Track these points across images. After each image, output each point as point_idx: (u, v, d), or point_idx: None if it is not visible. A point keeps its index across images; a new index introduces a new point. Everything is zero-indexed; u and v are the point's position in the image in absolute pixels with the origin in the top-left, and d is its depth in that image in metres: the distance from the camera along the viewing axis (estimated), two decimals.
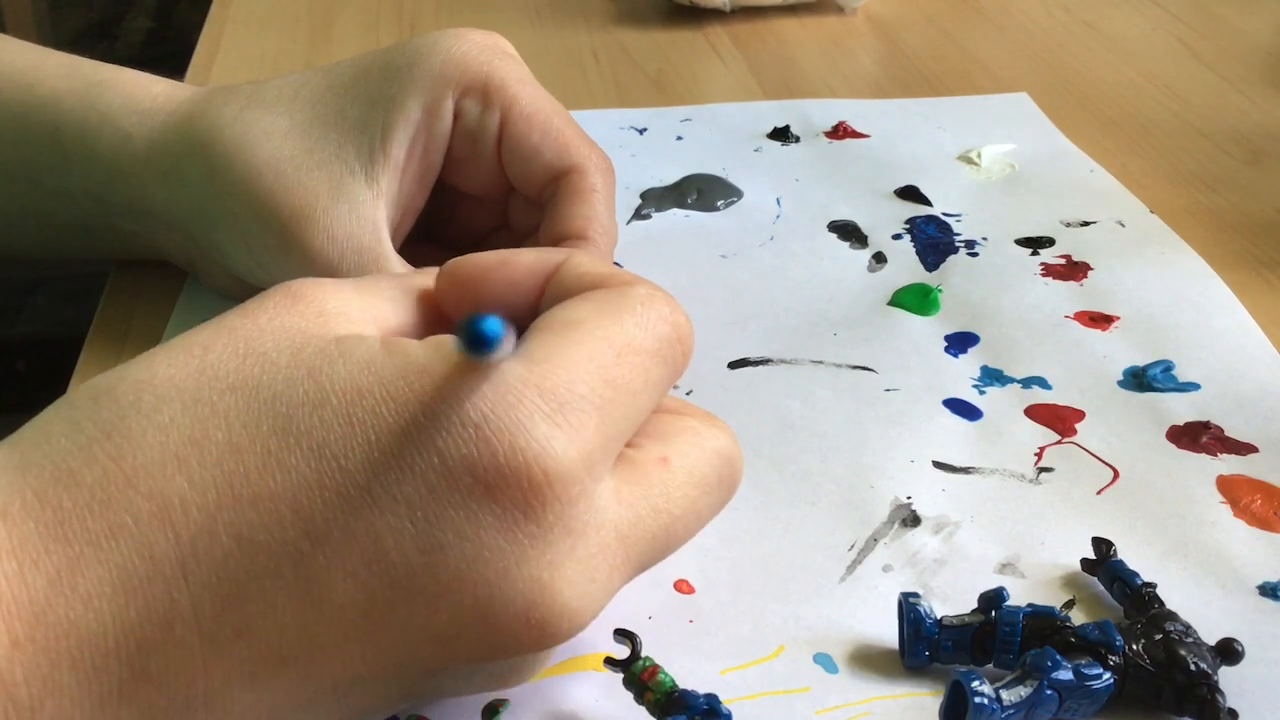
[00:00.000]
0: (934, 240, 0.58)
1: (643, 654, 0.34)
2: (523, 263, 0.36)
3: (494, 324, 0.28)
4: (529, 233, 0.51)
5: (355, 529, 0.29)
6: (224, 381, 0.30)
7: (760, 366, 0.49)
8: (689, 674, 0.36)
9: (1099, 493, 0.43)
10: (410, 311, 0.36)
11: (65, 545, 0.28)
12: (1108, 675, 0.34)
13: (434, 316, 0.36)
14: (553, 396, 0.30)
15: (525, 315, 0.35)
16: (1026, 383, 0.48)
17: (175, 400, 0.30)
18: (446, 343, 0.31)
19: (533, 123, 0.48)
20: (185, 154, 0.48)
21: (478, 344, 0.28)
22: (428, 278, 0.37)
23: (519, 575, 0.30)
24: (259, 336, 0.32)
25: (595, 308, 0.33)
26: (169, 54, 0.83)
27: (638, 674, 0.34)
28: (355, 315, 0.33)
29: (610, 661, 0.35)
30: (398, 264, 0.47)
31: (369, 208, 0.46)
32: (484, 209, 0.51)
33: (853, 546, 0.41)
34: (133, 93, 0.51)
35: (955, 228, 0.59)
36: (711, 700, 0.33)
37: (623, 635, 0.35)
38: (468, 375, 0.30)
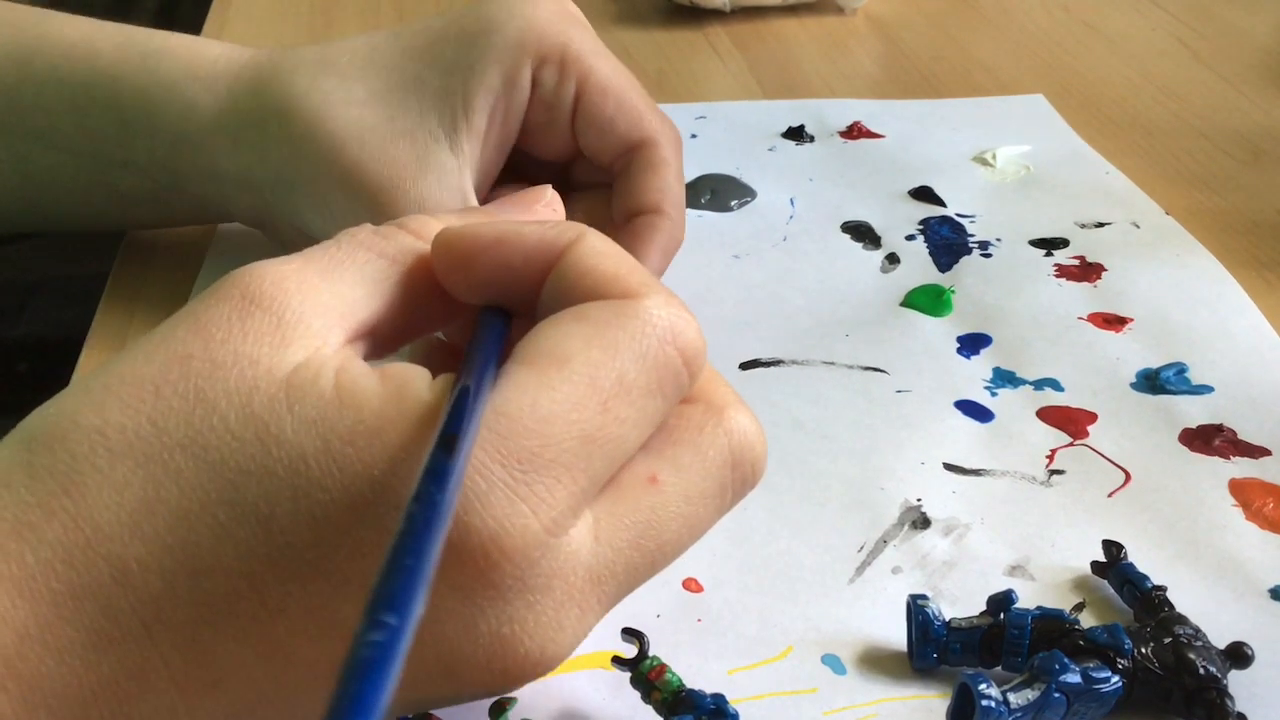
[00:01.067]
0: (947, 241, 0.58)
1: (650, 653, 0.34)
2: (523, 245, 0.33)
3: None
4: (590, 190, 0.51)
5: (310, 600, 0.29)
6: (174, 437, 0.29)
7: (772, 367, 0.49)
8: (696, 673, 0.36)
9: (1110, 495, 0.43)
10: (389, 292, 0.33)
11: (33, 603, 0.28)
12: (1116, 678, 0.34)
13: (412, 292, 0.33)
14: (518, 464, 0.28)
15: (522, 299, 0.33)
16: (1039, 384, 0.48)
17: (127, 456, 0.29)
18: (407, 394, 0.29)
19: (608, 94, 0.48)
20: (259, 122, 0.48)
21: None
22: (413, 245, 0.34)
23: (479, 632, 0.29)
24: (209, 373, 0.29)
25: (587, 338, 0.30)
26: None
27: (645, 673, 0.34)
28: (317, 322, 0.31)
29: (618, 660, 0.35)
30: None
31: (456, 176, 0.46)
32: (549, 169, 0.51)
33: (862, 548, 0.41)
34: (191, 60, 0.50)
35: (969, 229, 0.58)
36: (718, 700, 0.33)
37: (630, 634, 0.35)
38: (422, 442, 0.28)
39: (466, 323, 0.34)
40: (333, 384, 0.29)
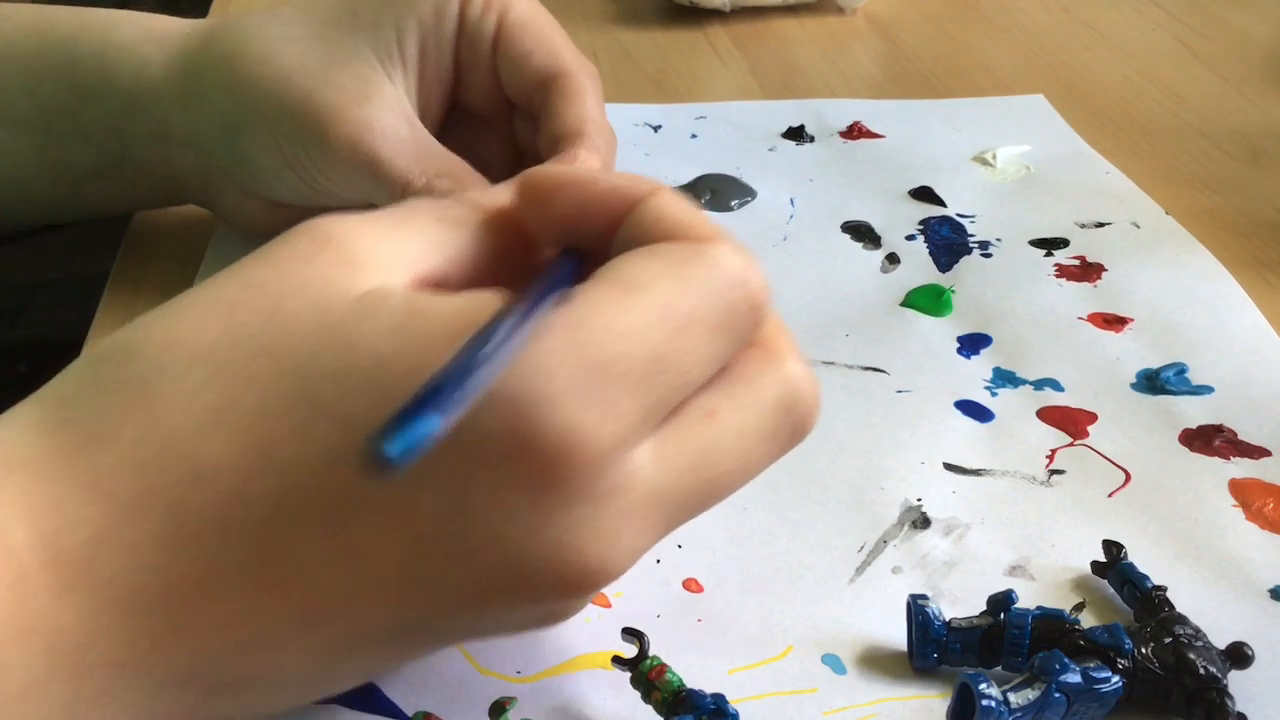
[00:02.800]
0: (948, 241, 0.58)
1: (650, 653, 0.34)
2: (600, 188, 0.34)
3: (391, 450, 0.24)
4: (537, 159, 0.52)
5: (385, 498, 0.29)
6: (251, 345, 0.30)
7: None
8: (696, 673, 0.36)
9: (1110, 495, 0.43)
10: (451, 244, 0.34)
11: (105, 503, 0.29)
12: (1116, 678, 0.34)
13: (476, 248, 0.34)
14: (591, 371, 0.29)
15: (595, 243, 0.34)
16: (1039, 384, 0.48)
17: (203, 365, 0.30)
18: (481, 304, 0.30)
19: (526, 29, 0.50)
20: (208, 70, 0.50)
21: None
22: (463, 206, 0.35)
23: (543, 539, 0.30)
24: (284, 296, 0.31)
25: (663, 269, 0.31)
26: None
27: (645, 673, 0.34)
28: (384, 261, 0.32)
29: (618, 660, 0.35)
30: (438, 147, 0.49)
31: (396, 101, 0.48)
32: (494, 135, 0.53)
33: (862, 548, 0.41)
34: (148, 24, 0.53)
35: (969, 229, 0.58)
36: (719, 700, 0.33)
37: (630, 634, 0.35)
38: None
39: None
40: (405, 300, 0.30)
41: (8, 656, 0.28)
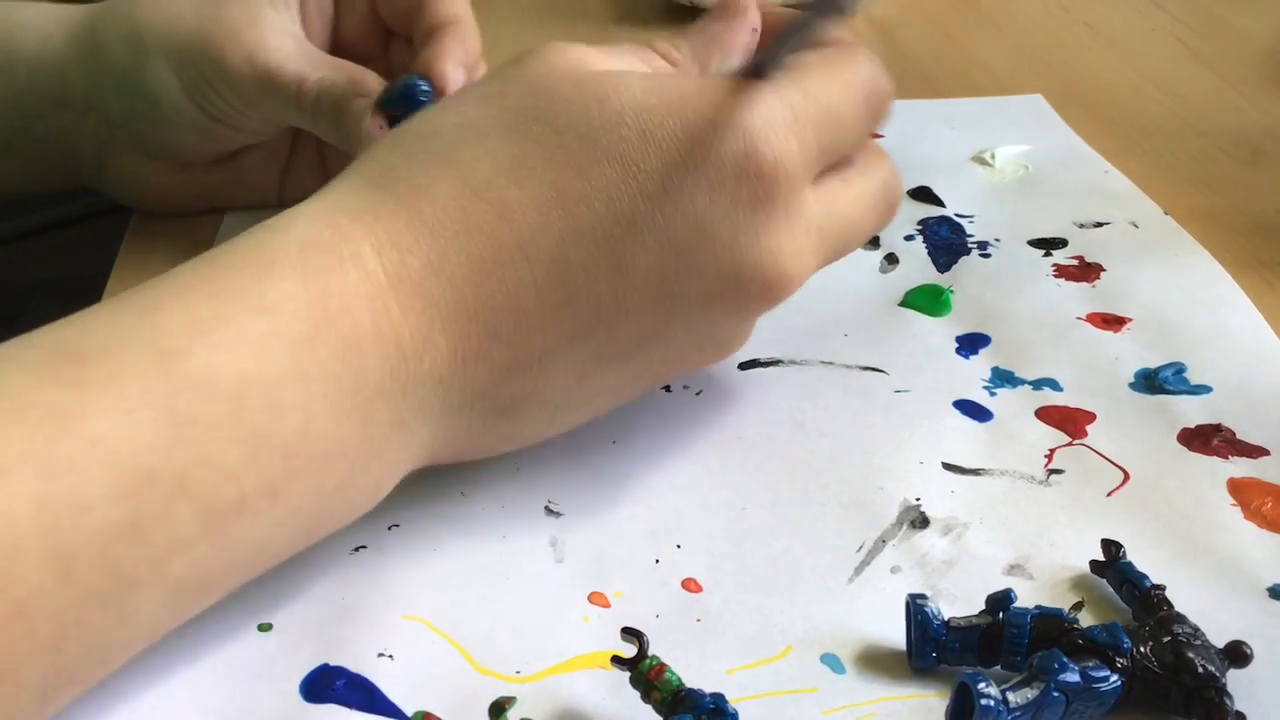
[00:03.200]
0: (946, 241, 0.58)
1: (649, 653, 0.34)
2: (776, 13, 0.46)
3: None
4: None
5: (653, 216, 0.38)
6: (528, 115, 0.39)
7: (771, 367, 0.49)
8: (696, 673, 0.36)
9: (1109, 495, 0.43)
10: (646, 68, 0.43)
11: (432, 239, 0.37)
12: (1115, 678, 0.34)
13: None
14: (793, 114, 0.39)
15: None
16: (1037, 384, 0.48)
17: (493, 133, 0.39)
18: (713, 79, 0.40)
19: None
20: (106, 28, 0.55)
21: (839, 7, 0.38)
22: (648, 51, 0.44)
23: (760, 246, 0.39)
24: (543, 78, 0.39)
25: (827, 57, 0.42)
26: None
27: (644, 672, 0.34)
28: (607, 62, 0.41)
29: (617, 660, 0.35)
30: (327, 55, 0.54)
31: (283, 25, 0.54)
32: (374, 70, 0.55)
33: (861, 547, 0.41)
34: (45, 6, 0.57)
35: (968, 229, 0.59)
36: (718, 699, 0.33)
37: (630, 634, 0.35)
38: (737, 95, 0.39)
39: None
40: (644, 72, 0.41)
41: (368, 358, 0.36)
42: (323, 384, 0.35)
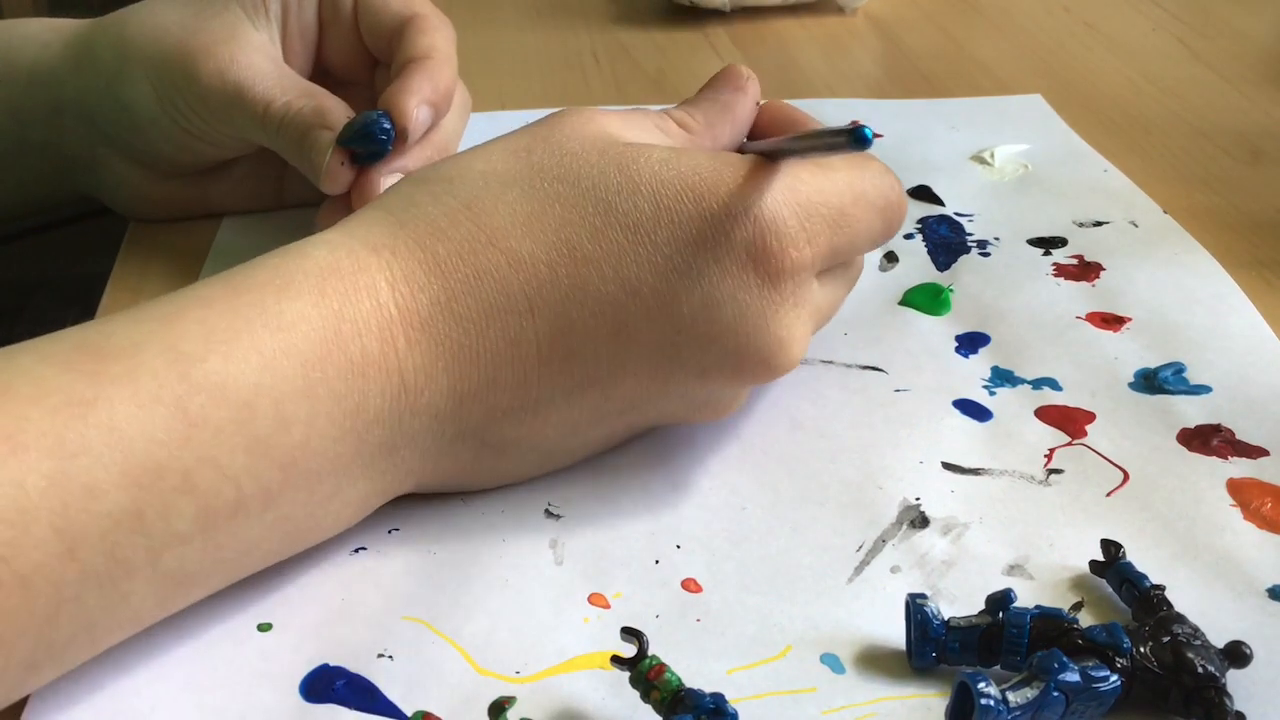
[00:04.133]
0: (946, 240, 0.58)
1: (649, 652, 0.34)
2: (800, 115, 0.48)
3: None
4: None
5: (659, 287, 0.39)
6: (550, 173, 0.40)
7: None
8: (695, 673, 0.36)
9: (1109, 495, 0.43)
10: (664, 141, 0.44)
11: (443, 280, 0.39)
12: (1115, 677, 0.34)
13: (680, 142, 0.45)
14: (804, 209, 0.41)
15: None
16: (1037, 384, 0.48)
17: (515, 185, 0.40)
18: (729, 155, 0.41)
19: None
20: (99, 38, 0.56)
21: (860, 141, 0.36)
22: (665, 118, 0.45)
23: (766, 331, 0.40)
24: (568, 141, 0.41)
25: (847, 165, 0.43)
26: None
27: (644, 672, 0.34)
28: (632, 136, 0.42)
29: (617, 660, 0.35)
30: (300, 79, 0.54)
31: (262, 43, 0.54)
32: (358, 98, 0.56)
33: (861, 547, 0.41)
34: (51, 20, 0.59)
35: (967, 227, 0.59)
36: (717, 699, 0.33)
37: (629, 634, 0.35)
38: (754, 179, 0.40)
39: None
40: (666, 146, 0.42)
41: (371, 384, 0.37)
42: (327, 403, 0.36)
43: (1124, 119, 0.69)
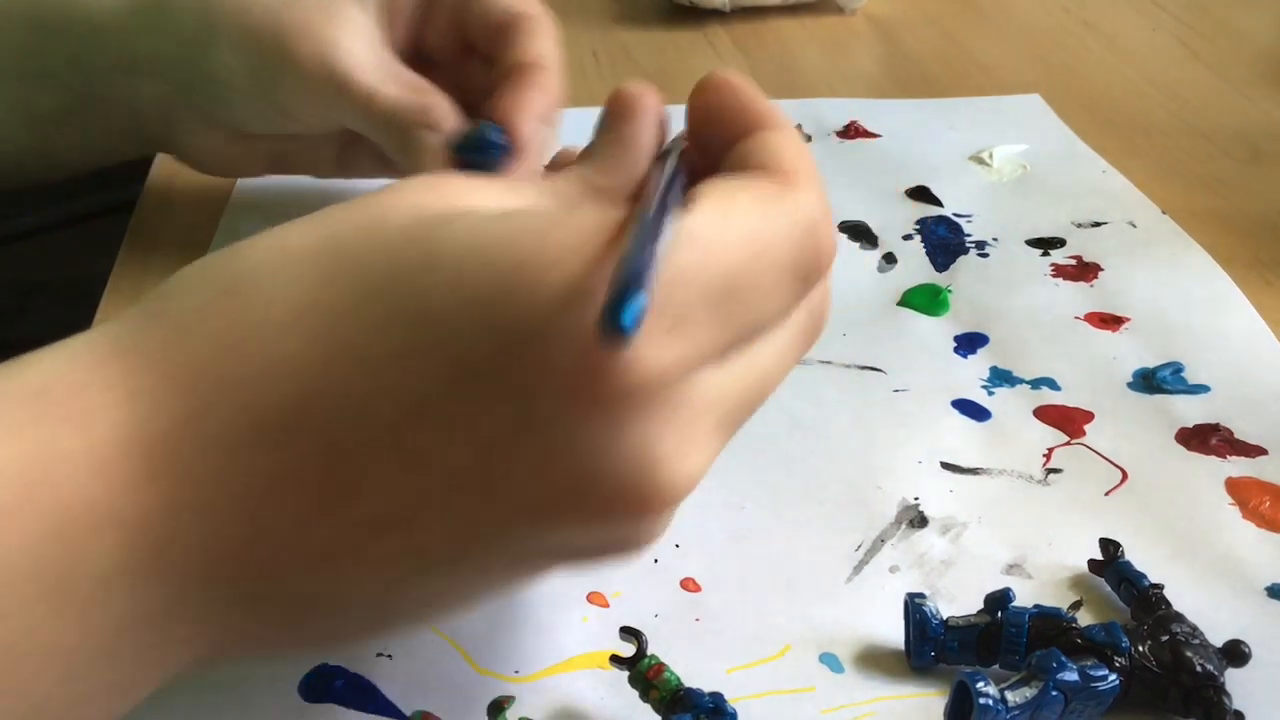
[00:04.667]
0: (944, 241, 0.58)
1: (648, 652, 0.35)
2: (751, 100, 0.36)
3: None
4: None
5: (456, 399, 0.29)
6: (346, 249, 0.30)
7: None
8: (694, 672, 0.36)
9: (1107, 494, 0.43)
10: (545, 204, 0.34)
11: (191, 392, 0.29)
12: (1113, 677, 0.34)
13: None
14: (672, 290, 0.29)
15: (720, 146, 0.35)
16: (1035, 384, 0.48)
17: (297, 264, 0.30)
18: (556, 223, 0.30)
19: None
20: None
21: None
22: (576, 181, 0.35)
23: (615, 451, 0.29)
24: (389, 210, 0.31)
25: (749, 204, 0.31)
26: None
27: (643, 672, 0.34)
28: (493, 206, 0.32)
29: (616, 659, 0.35)
30: (403, 68, 0.50)
31: (364, 27, 0.50)
32: (446, 83, 0.52)
33: (859, 547, 0.41)
34: None
35: (966, 228, 0.59)
36: (716, 699, 0.33)
37: (628, 633, 0.35)
38: (600, 247, 0.29)
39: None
40: (489, 212, 0.30)
41: (88, 546, 0.28)
42: (28, 568, 0.27)
43: (1124, 119, 0.69)
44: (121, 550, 0.28)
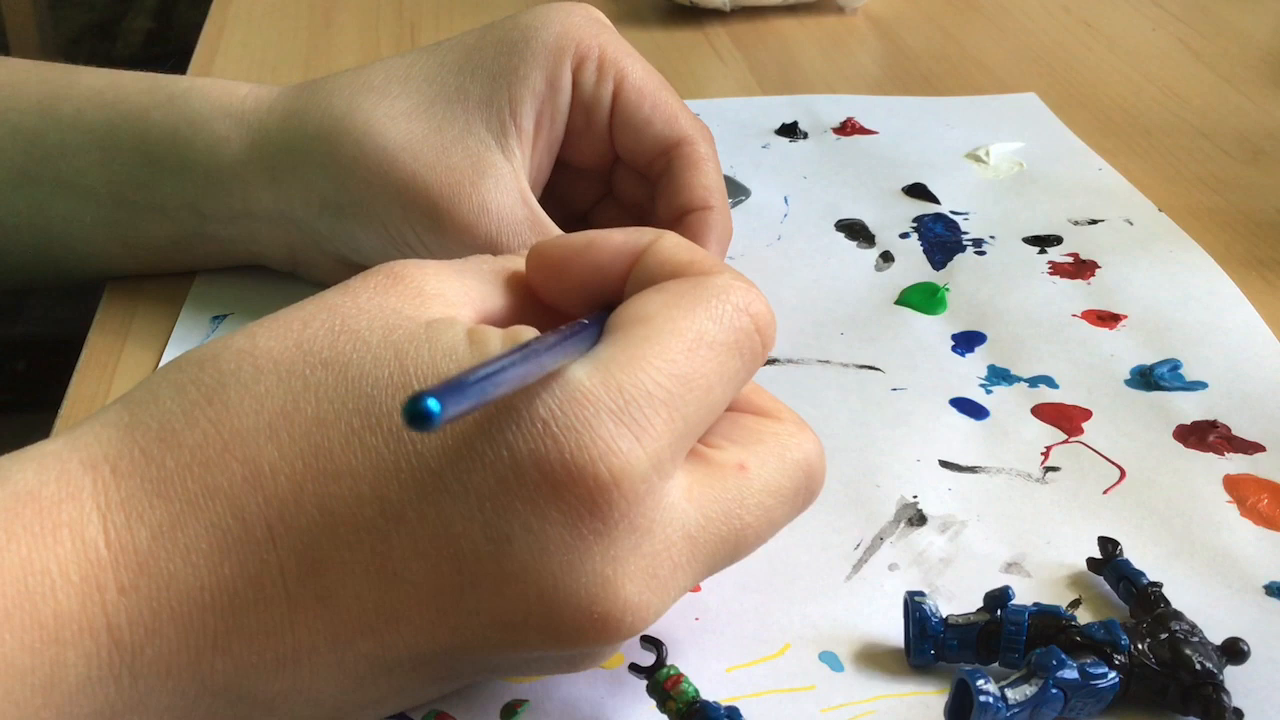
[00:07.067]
0: (941, 239, 0.58)
1: (668, 662, 0.34)
2: (608, 246, 0.36)
3: (432, 402, 0.26)
4: (634, 202, 0.52)
5: (427, 512, 0.30)
6: (317, 356, 0.32)
7: (767, 366, 0.49)
8: (695, 672, 0.36)
9: (1105, 492, 0.43)
10: (504, 293, 0.36)
11: (167, 502, 0.30)
12: (1113, 674, 0.34)
13: (526, 297, 0.37)
14: (620, 395, 0.31)
15: (612, 296, 0.36)
16: (1033, 382, 0.48)
17: (272, 372, 0.31)
18: (521, 337, 0.32)
19: (644, 95, 0.50)
20: (299, 149, 0.49)
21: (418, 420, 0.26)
22: (518, 260, 0.37)
23: (583, 570, 0.30)
24: (356, 315, 0.32)
25: (667, 300, 0.33)
26: (169, 54, 0.83)
27: (661, 682, 0.34)
28: (452, 297, 0.34)
29: (634, 668, 0.35)
30: (550, 224, 0.47)
31: (512, 179, 0.47)
32: (590, 181, 0.53)
33: (859, 545, 0.41)
34: (219, 97, 0.51)
35: (963, 226, 0.59)
36: (732, 712, 0.33)
37: (649, 642, 0.35)
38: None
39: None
40: (466, 330, 0.32)
41: (68, 654, 0.29)
42: (8, 681, 0.29)
43: (1124, 119, 0.69)
44: (100, 655, 0.29)
